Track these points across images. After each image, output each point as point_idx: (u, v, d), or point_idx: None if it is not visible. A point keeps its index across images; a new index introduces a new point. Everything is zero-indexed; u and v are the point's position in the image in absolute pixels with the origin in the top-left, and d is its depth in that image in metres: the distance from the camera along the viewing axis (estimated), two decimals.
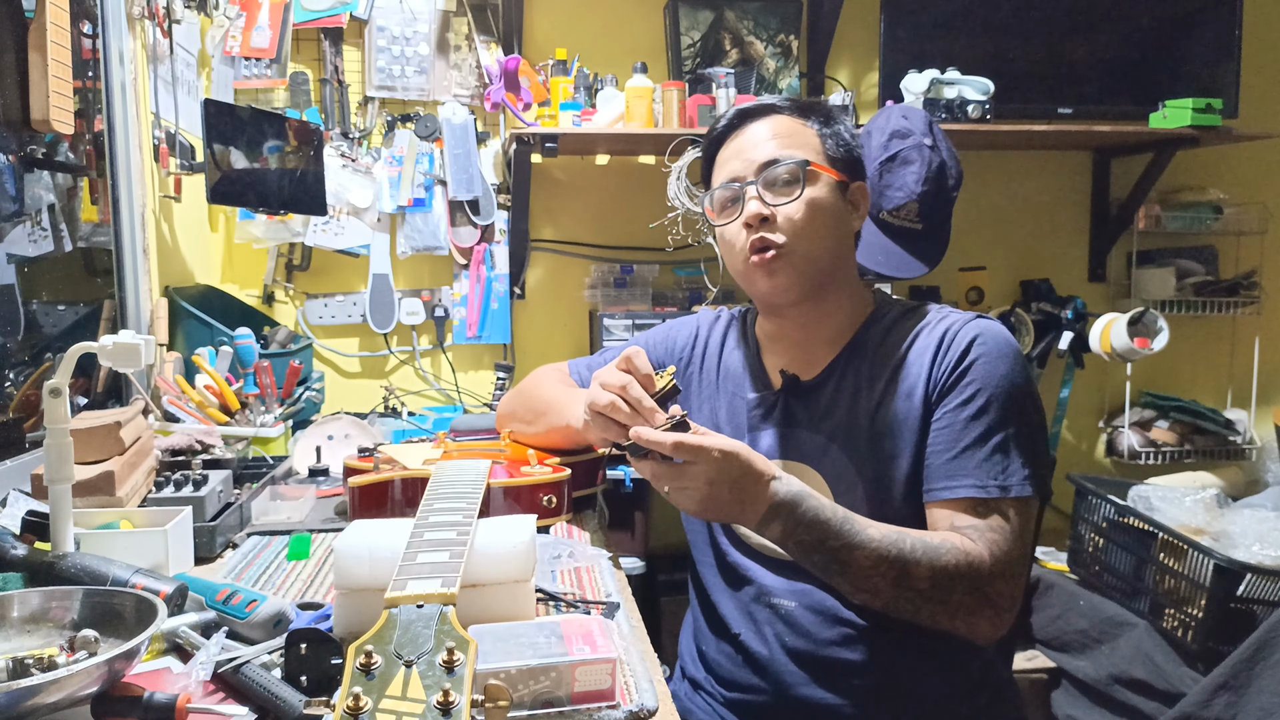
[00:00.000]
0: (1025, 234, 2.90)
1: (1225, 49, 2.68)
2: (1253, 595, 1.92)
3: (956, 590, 1.03)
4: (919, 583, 1.02)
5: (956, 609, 1.04)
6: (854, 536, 1.02)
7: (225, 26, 2.41)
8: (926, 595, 1.03)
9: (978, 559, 1.03)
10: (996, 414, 1.08)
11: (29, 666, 0.77)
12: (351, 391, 2.61)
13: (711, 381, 1.29)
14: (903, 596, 1.03)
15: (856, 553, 1.01)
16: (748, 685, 1.16)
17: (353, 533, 0.94)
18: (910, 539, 1.03)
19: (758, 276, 1.17)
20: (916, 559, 1.01)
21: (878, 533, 1.02)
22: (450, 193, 2.56)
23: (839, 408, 1.16)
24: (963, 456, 1.08)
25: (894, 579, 1.02)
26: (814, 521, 1.01)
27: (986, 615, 1.05)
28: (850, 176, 1.21)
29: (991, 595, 1.04)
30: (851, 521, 1.02)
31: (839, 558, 1.02)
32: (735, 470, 0.99)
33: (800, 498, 1.02)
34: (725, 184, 1.20)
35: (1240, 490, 2.65)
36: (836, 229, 1.18)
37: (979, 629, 1.06)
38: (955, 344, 1.12)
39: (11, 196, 1.54)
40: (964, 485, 1.07)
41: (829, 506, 1.03)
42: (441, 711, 0.60)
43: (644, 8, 2.65)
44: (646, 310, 2.57)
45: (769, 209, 1.15)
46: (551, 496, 1.24)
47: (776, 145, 1.18)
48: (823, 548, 1.02)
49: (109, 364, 1.03)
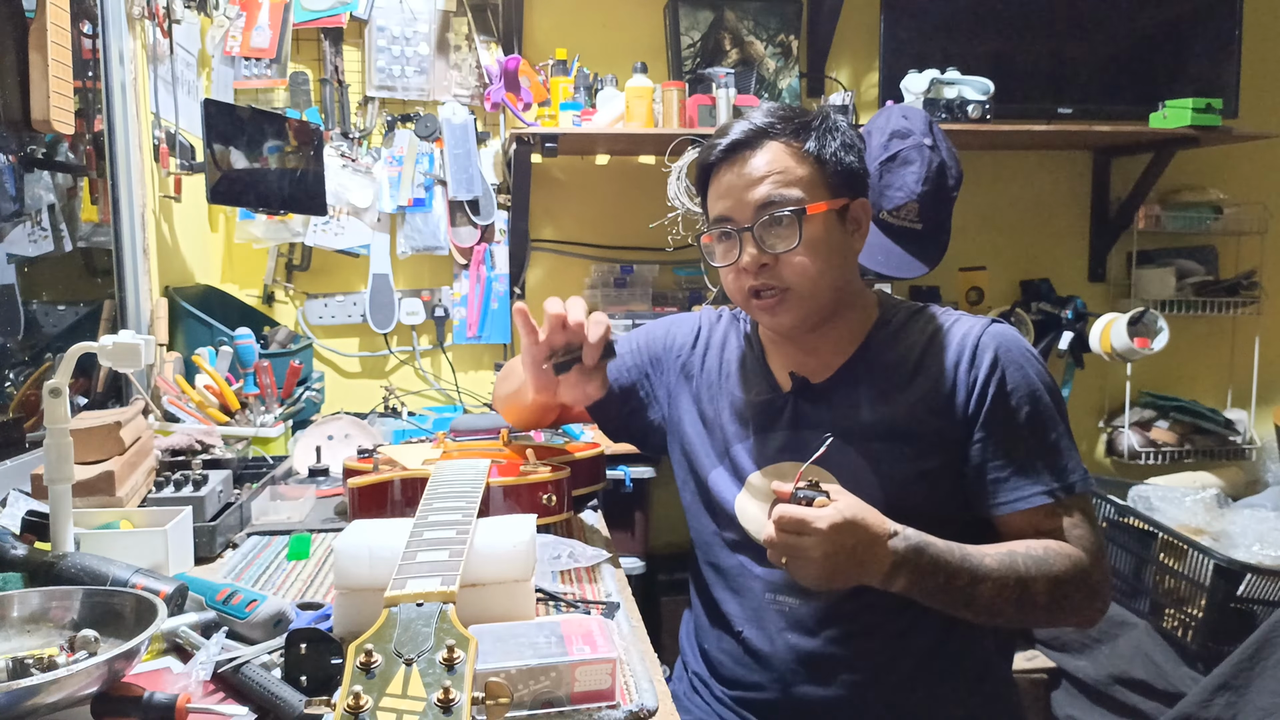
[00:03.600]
0: (1025, 234, 2.90)
1: (1225, 49, 2.68)
2: (1253, 595, 1.92)
3: (1070, 594, 1.07)
4: (1039, 598, 1.06)
5: (1072, 610, 1.09)
6: (976, 571, 1.04)
7: (225, 26, 2.41)
8: (1048, 608, 1.07)
9: (1079, 559, 1.07)
10: (1042, 418, 1.11)
11: (29, 666, 0.77)
12: (351, 391, 2.61)
13: (713, 381, 1.28)
14: (1024, 612, 1.07)
15: (980, 586, 1.04)
16: (750, 682, 1.16)
17: (353, 533, 0.94)
18: (1021, 558, 1.06)
19: (760, 315, 1.18)
20: (1033, 576, 1.05)
21: (994, 562, 1.05)
22: (450, 193, 2.56)
23: (852, 410, 1.16)
24: (1025, 465, 1.10)
25: (1016, 600, 1.05)
26: (936, 568, 1.03)
27: (1096, 605, 1.10)
28: (851, 193, 1.17)
29: (1096, 586, 1.09)
30: (969, 558, 1.04)
31: (965, 594, 1.04)
32: (851, 539, 0.99)
33: (921, 548, 1.03)
34: (721, 225, 1.16)
35: (1240, 490, 2.65)
36: (841, 263, 1.16)
37: (1090, 618, 1.11)
38: (980, 354, 1.12)
39: (11, 196, 1.54)
40: (1035, 494, 1.09)
41: (945, 547, 1.04)
42: (442, 709, 0.60)
43: (644, 8, 2.65)
44: (646, 310, 2.57)
45: (767, 256, 1.13)
46: (551, 495, 1.24)
47: (771, 185, 1.12)
48: (949, 588, 1.04)
49: (109, 364, 1.03)
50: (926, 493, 1.11)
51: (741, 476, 1.20)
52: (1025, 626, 1.09)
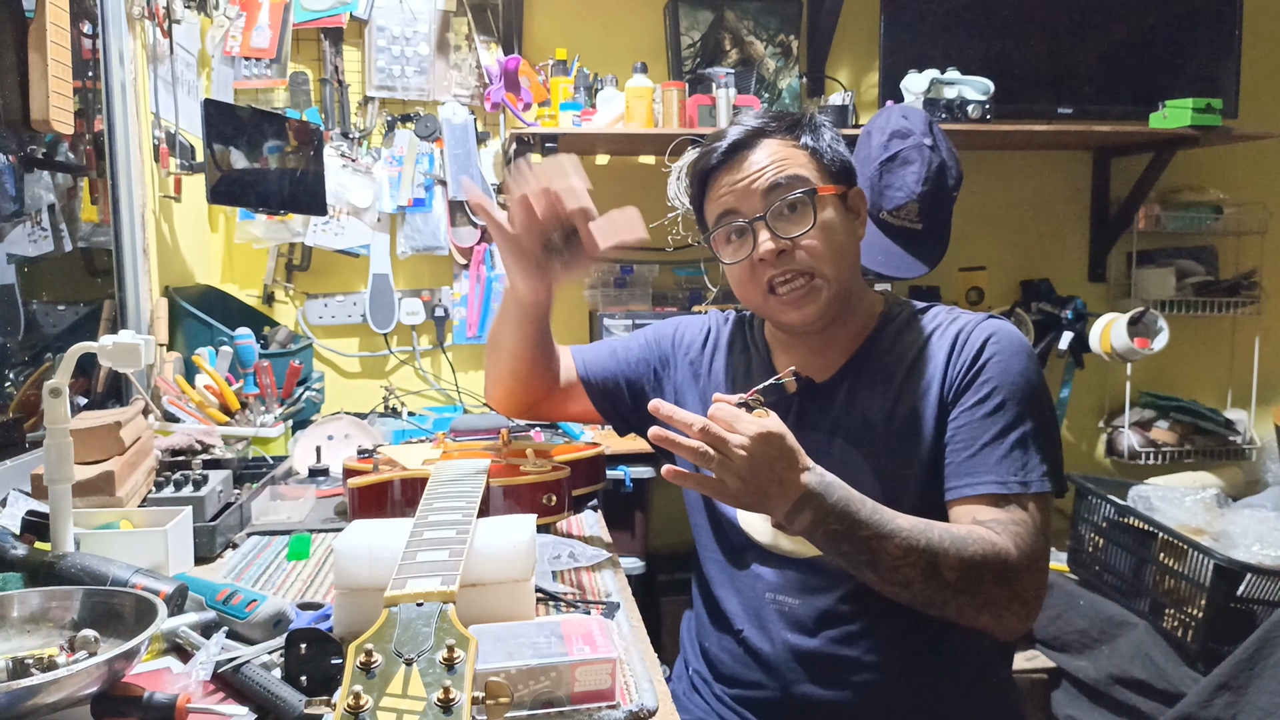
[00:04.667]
0: (1025, 234, 2.89)
1: (1225, 49, 2.68)
2: (1253, 595, 1.92)
3: (985, 581, 1.02)
4: (948, 574, 1.01)
5: (985, 602, 1.03)
6: (883, 526, 1.00)
7: (225, 26, 2.41)
8: (956, 588, 1.01)
9: (1004, 550, 1.02)
10: (1014, 411, 1.09)
11: (29, 666, 0.77)
12: (351, 391, 2.61)
13: (720, 383, 1.28)
14: (931, 587, 1.01)
15: (886, 542, 1.00)
16: (750, 682, 1.16)
17: (352, 532, 0.94)
18: (938, 529, 1.02)
19: (783, 311, 1.15)
20: (945, 549, 1.00)
21: (906, 523, 1.02)
22: (450, 193, 2.56)
23: (854, 409, 1.16)
24: (982, 453, 1.08)
25: (923, 569, 1.00)
26: (844, 511, 1.00)
27: (1015, 610, 1.04)
28: (847, 184, 1.19)
29: (1018, 589, 1.04)
30: (880, 512, 1.02)
31: (869, 547, 1.00)
32: (774, 452, 0.97)
33: (831, 487, 1.00)
34: (727, 219, 1.16)
35: (1240, 490, 2.65)
36: (854, 250, 1.17)
37: (1008, 623, 1.05)
38: (969, 344, 1.12)
39: (11, 196, 1.54)
40: (985, 481, 1.07)
41: (858, 497, 1.02)
42: (442, 709, 0.60)
43: (644, 8, 2.65)
44: (646, 310, 2.57)
45: (784, 242, 1.12)
46: (551, 495, 1.24)
47: (775, 171, 1.13)
48: (853, 537, 1.00)
49: (109, 364, 1.03)
50: (926, 490, 1.11)
51: None
52: (941, 613, 1.05)
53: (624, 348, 1.37)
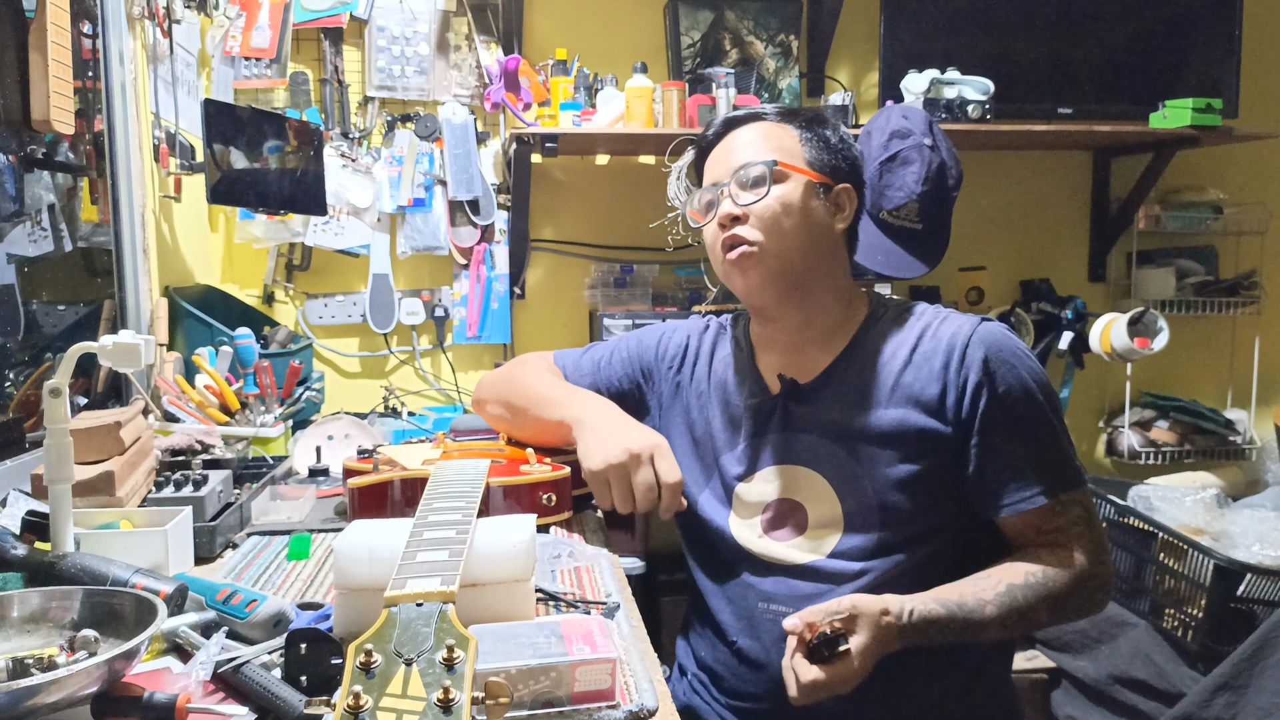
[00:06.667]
0: (1025, 234, 2.90)
1: (1225, 49, 2.68)
2: (1253, 595, 1.92)
3: (1073, 606, 1.11)
4: (1042, 618, 1.10)
5: (1075, 613, 1.14)
6: (978, 625, 1.06)
7: (225, 26, 2.41)
8: (1049, 621, 1.12)
9: (1079, 568, 1.10)
10: (1037, 418, 1.12)
11: (29, 666, 0.77)
12: (351, 391, 2.61)
13: (703, 391, 1.28)
14: (1032, 629, 1.15)
15: (983, 634, 1.07)
16: (744, 692, 1.17)
17: (352, 533, 0.94)
18: (1020, 591, 1.07)
19: (733, 274, 1.20)
20: (1033, 605, 1.08)
21: (994, 610, 1.06)
22: (450, 193, 2.56)
23: (840, 410, 1.16)
24: (1024, 467, 1.11)
25: (1021, 628, 1.10)
26: (932, 626, 1.04)
27: (1099, 597, 1.13)
28: (834, 179, 1.21)
29: (1099, 582, 1.12)
30: (970, 615, 1.06)
31: (964, 636, 1.07)
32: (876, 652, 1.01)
33: (922, 627, 1.04)
34: (706, 188, 1.23)
35: (1240, 490, 2.65)
36: (810, 228, 1.18)
37: (1093, 611, 1.15)
38: (971, 355, 1.12)
39: (11, 196, 1.54)
40: (1035, 496, 1.10)
41: (946, 616, 1.05)
42: (442, 709, 0.60)
43: (644, 8, 2.65)
44: (646, 310, 2.57)
45: (740, 209, 1.17)
46: (551, 495, 1.24)
47: (751, 150, 1.20)
48: (953, 637, 1.06)
49: (109, 364, 1.03)
50: (916, 494, 1.12)
51: (729, 489, 1.21)
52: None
53: (607, 361, 1.39)
